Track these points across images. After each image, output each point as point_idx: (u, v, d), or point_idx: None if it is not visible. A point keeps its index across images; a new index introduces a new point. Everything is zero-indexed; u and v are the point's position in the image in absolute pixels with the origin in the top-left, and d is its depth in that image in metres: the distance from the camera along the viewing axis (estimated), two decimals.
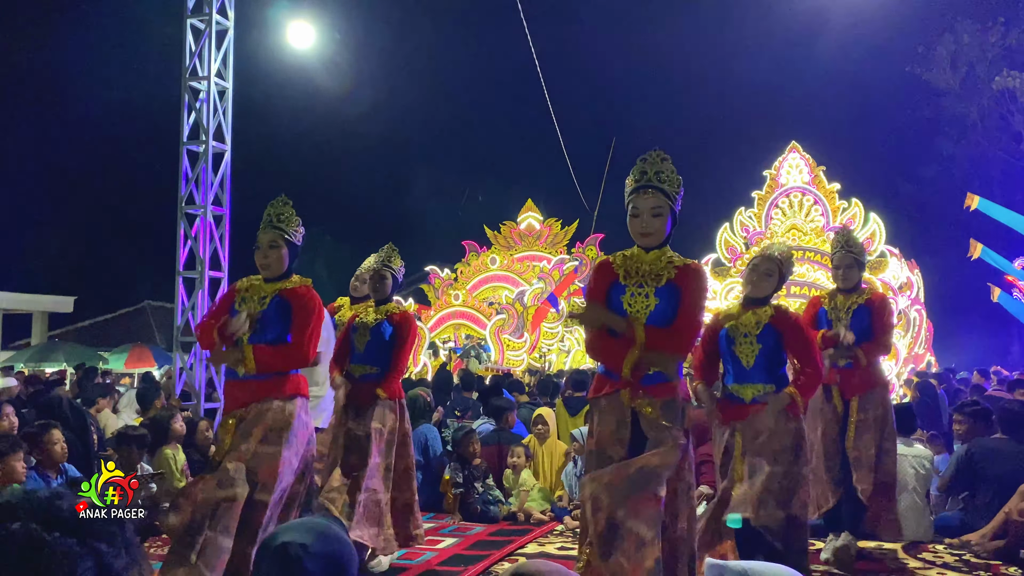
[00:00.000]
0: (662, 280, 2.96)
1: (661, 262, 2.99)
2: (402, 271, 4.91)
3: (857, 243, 4.76)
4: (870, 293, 4.68)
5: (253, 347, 3.46)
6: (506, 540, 5.34)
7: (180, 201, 8.21)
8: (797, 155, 17.79)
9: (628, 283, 2.99)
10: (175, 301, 8.26)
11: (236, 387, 3.53)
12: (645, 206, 2.96)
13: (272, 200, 3.67)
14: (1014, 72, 22.63)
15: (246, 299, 3.59)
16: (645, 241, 3.02)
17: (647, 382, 2.94)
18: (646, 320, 2.93)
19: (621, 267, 3.03)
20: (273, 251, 3.58)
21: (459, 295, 16.81)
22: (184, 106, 8.28)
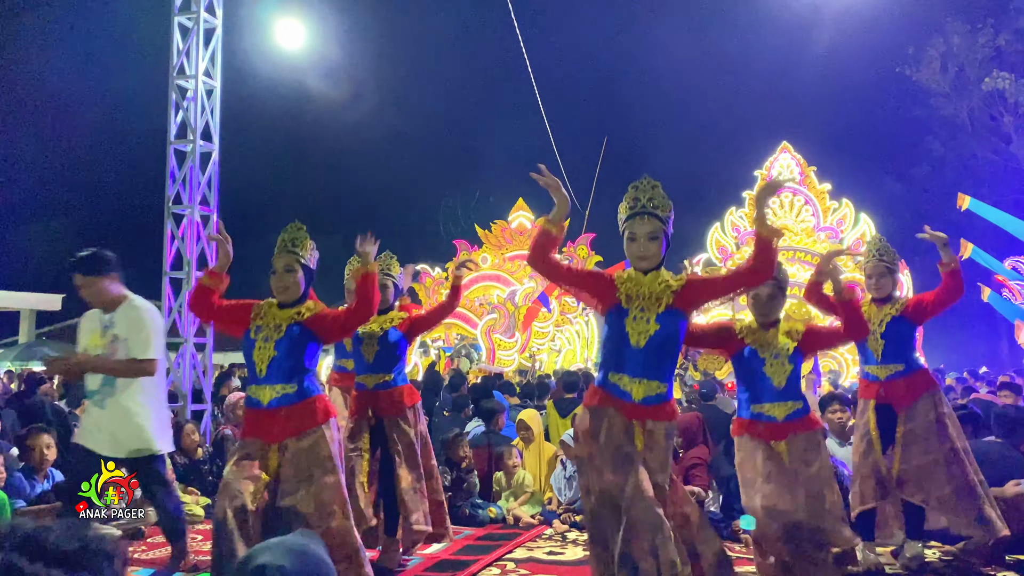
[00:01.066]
0: (662, 305, 3.12)
1: (659, 285, 3.14)
2: (402, 278, 4.94)
3: (890, 251, 4.61)
4: (904, 303, 4.54)
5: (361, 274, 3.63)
6: (494, 545, 5.30)
7: (167, 201, 8.13)
8: (788, 155, 17.83)
9: (631, 307, 3.13)
10: (161, 301, 8.17)
11: (264, 416, 3.55)
12: (642, 232, 3.15)
13: (286, 225, 3.72)
14: (1003, 73, 22.76)
15: (261, 328, 3.61)
16: (642, 265, 3.19)
17: (651, 402, 3.11)
18: (645, 343, 3.08)
19: (623, 290, 3.17)
20: (289, 275, 3.63)
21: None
22: (171, 105, 8.20)
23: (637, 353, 3.10)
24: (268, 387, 3.53)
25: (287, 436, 3.49)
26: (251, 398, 3.61)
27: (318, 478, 3.44)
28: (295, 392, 3.54)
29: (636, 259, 3.19)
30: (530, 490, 6.27)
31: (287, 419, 3.51)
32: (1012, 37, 23.43)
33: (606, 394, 3.14)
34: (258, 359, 3.56)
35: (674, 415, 3.18)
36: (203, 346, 8.38)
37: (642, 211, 3.14)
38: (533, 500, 6.22)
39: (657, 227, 3.15)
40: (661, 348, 3.11)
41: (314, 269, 3.75)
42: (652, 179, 3.19)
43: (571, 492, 6.05)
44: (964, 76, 24.11)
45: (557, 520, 5.85)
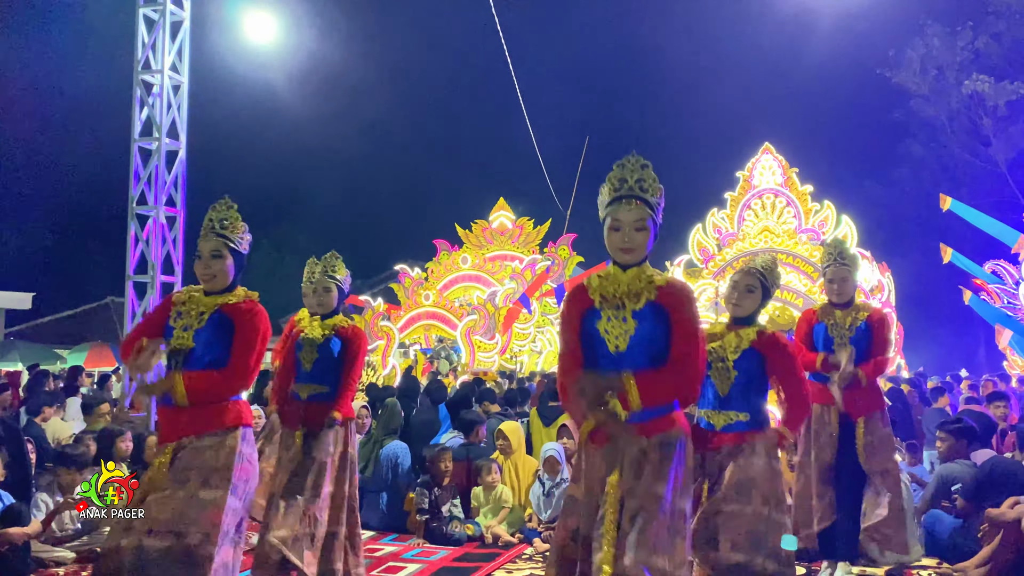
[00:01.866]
0: (640, 301, 2.61)
1: (640, 281, 2.63)
2: (348, 281, 4.51)
3: (850, 254, 4.48)
4: (869, 309, 4.43)
5: (184, 376, 3.08)
6: (472, 567, 5.06)
7: (131, 201, 7.80)
8: (770, 156, 17.72)
9: (604, 307, 2.64)
10: (125, 305, 7.85)
11: (170, 414, 3.12)
12: (628, 219, 2.61)
13: (214, 203, 3.28)
14: (982, 76, 22.84)
15: (182, 313, 3.21)
16: (626, 258, 2.65)
17: (643, 418, 2.53)
18: (627, 346, 2.58)
19: (597, 291, 2.67)
20: (216, 261, 3.20)
21: (429, 295, 16.50)
22: (136, 101, 7.86)
23: (616, 360, 2.58)
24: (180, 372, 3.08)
25: (187, 434, 3.05)
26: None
27: (192, 488, 2.96)
28: None
29: (618, 251, 2.64)
30: (508, 506, 6.02)
31: (192, 417, 3.06)
32: (990, 40, 23.53)
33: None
34: (174, 350, 3.15)
35: (672, 424, 2.59)
36: None
37: (628, 194, 2.60)
38: (512, 517, 5.98)
39: (645, 214, 2.61)
40: (646, 352, 2.57)
41: (245, 254, 3.31)
42: (640, 157, 2.66)
43: (551, 509, 5.81)
44: (943, 79, 24.19)
45: (538, 539, 5.61)
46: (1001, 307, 15.06)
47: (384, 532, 6.06)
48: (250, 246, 3.37)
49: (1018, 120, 23.31)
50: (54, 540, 5.16)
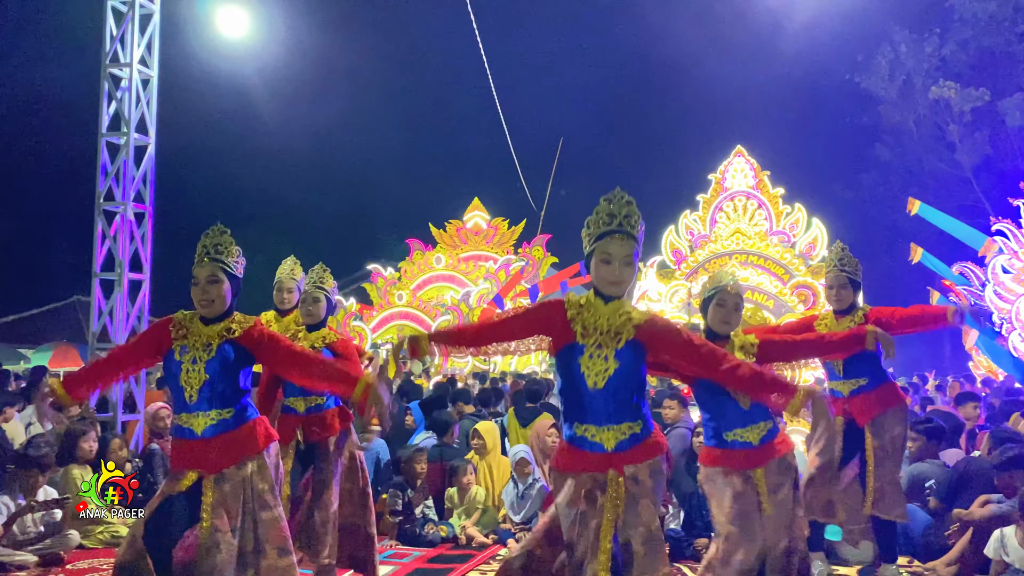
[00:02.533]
0: (621, 341, 2.76)
1: (619, 317, 2.79)
2: (335, 292, 4.52)
3: (852, 260, 4.40)
4: (863, 315, 4.30)
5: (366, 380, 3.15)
6: (445, 568, 5.01)
7: (98, 197, 7.62)
8: (742, 159, 17.87)
9: (587, 343, 2.78)
10: (91, 303, 7.67)
11: (201, 448, 3.14)
12: (619, 253, 2.76)
13: (207, 230, 3.28)
14: (949, 82, 23.23)
15: (187, 347, 3.18)
16: (613, 291, 2.81)
17: (627, 446, 2.75)
18: (604, 384, 2.73)
19: (578, 321, 2.80)
20: (213, 287, 3.18)
21: (403, 295, 16.40)
22: (103, 95, 7.68)
23: (597, 396, 2.75)
24: (201, 414, 3.13)
25: (225, 465, 3.12)
26: (181, 427, 3.18)
27: (257, 513, 3.11)
28: (232, 417, 3.16)
29: (608, 284, 2.80)
30: (482, 506, 5.98)
31: (225, 447, 3.13)
32: (956, 48, 23.95)
33: (574, 451, 2.80)
34: (187, 383, 3.14)
35: (658, 449, 2.81)
36: None
37: (619, 229, 2.75)
38: (486, 518, 5.93)
39: (632, 249, 2.78)
40: (625, 386, 2.77)
41: (240, 278, 3.31)
42: (625, 193, 2.82)
43: (525, 511, 5.77)
44: (911, 85, 24.57)
45: (512, 540, 5.56)
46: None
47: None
48: (244, 270, 3.35)
49: (983, 126, 23.75)
50: (15, 543, 5.02)
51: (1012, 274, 14.00)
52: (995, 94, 22.97)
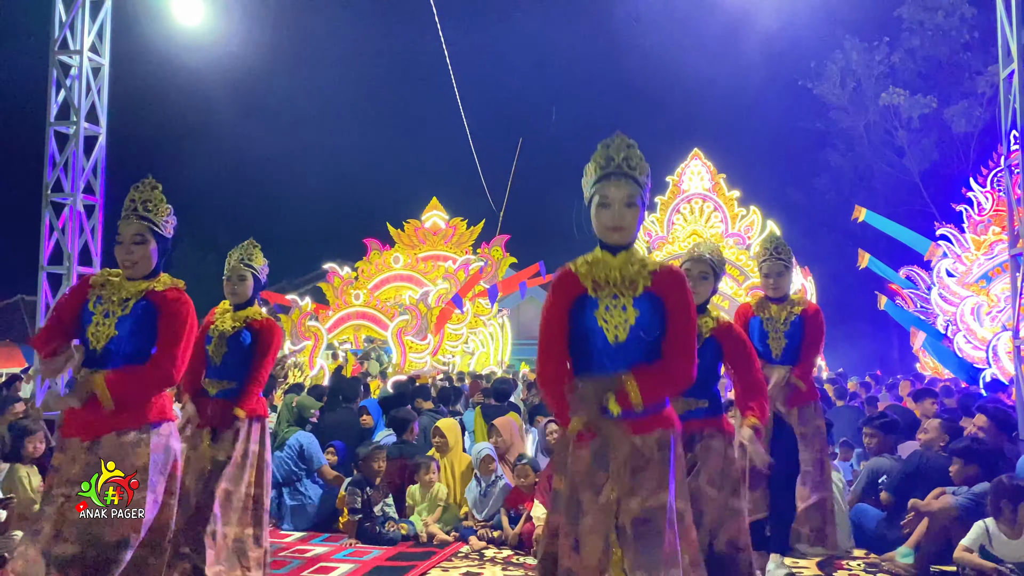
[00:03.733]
0: (638, 289, 2.48)
1: (633, 266, 2.51)
2: (265, 270, 4.22)
3: (786, 249, 4.46)
4: (804, 304, 4.43)
5: (105, 376, 2.87)
6: (407, 566, 4.94)
7: (45, 188, 7.36)
8: (699, 162, 18.11)
9: (600, 295, 2.49)
10: (38, 298, 7.42)
11: (85, 410, 2.89)
12: (617, 195, 2.48)
13: (136, 183, 3.07)
14: (898, 89, 23.84)
15: (102, 298, 3.00)
16: (615, 237, 2.52)
17: (634, 415, 2.40)
18: (626, 337, 2.44)
19: (588, 276, 2.52)
20: (139, 247, 3.00)
21: (360, 295, 16.21)
22: (52, 82, 7.42)
23: (614, 351, 2.45)
24: (101, 372, 2.90)
25: (106, 431, 2.86)
26: (78, 382, 2.94)
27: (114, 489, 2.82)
28: None
29: (608, 230, 2.51)
30: (443, 504, 5.92)
31: (112, 412, 2.86)
32: (905, 55, 24.59)
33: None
34: (94, 336, 2.93)
35: (669, 422, 2.49)
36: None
37: (617, 171, 2.49)
38: (448, 515, 5.87)
39: (635, 191, 2.50)
40: (644, 341, 2.46)
41: (170, 238, 3.11)
42: (626, 136, 2.57)
43: (488, 508, 5.73)
44: (861, 91, 25.16)
45: (474, 537, 5.52)
46: (915, 311, 15.71)
47: (314, 533, 5.88)
48: (175, 230, 3.16)
49: (930, 132, 24.44)
50: None
51: (956, 277, 14.42)
52: (942, 101, 23.66)
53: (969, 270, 14.25)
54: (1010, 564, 4.21)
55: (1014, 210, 6.84)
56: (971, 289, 13.98)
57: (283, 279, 23.95)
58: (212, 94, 25.28)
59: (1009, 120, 6.63)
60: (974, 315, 13.46)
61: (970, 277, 14.22)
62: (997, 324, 12.64)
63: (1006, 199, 7.16)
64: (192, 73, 20.77)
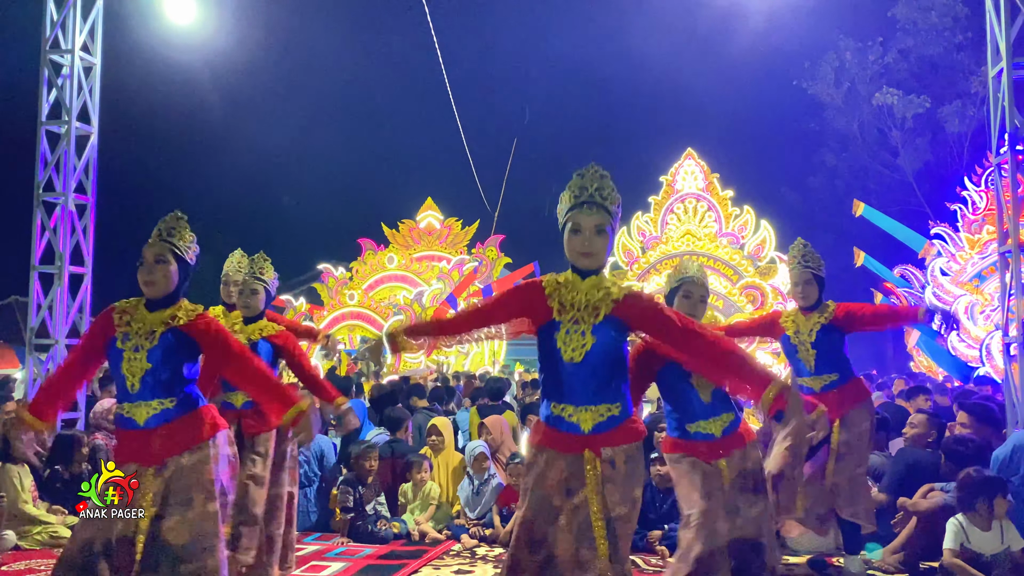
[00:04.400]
0: (599, 315, 2.69)
1: (598, 292, 2.72)
2: (275, 284, 4.38)
3: (815, 256, 4.39)
4: (832, 311, 4.31)
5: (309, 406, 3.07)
6: (398, 564, 4.94)
7: (37, 187, 7.35)
8: (693, 162, 18.10)
9: (563, 319, 2.70)
10: (30, 298, 7.39)
11: (143, 438, 3.01)
12: (588, 223, 2.70)
13: (164, 216, 3.21)
14: (891, 89, 23.88)
15: (129, 335, 3.06)
16: (585, 263, 2.74)
17: (604, 428, 2.66)
18: (582, 359, 2.66)
19: (555, 298, 2.73)
20: (160, 267, 3.09)
21: (354, 295, 16.21)
22: (43, 81, 7.40)
23: (575, 373, 2.68)
24: (143, 404, 3.02)
25: (168, 455, 3.00)
26: (123, 417, 3.07)
27: (198, 505, 2.95)
28: (176, 405, 3.04)
29: (578, 255, 2.73)
30: (435, 502, 5.92)
31: (168, 437, 3.01)
32: (898, 56, 24.64)
33: (550, 430, 2.73)
34: (129, 372, 3.03)
35: (636, 434, 2.74)
36: None
37: (590, 200, 2.70)
38: (440, 513, 5.87)
39: (605, 220, 2.71)
40: (603, 364, 2.69)
41: (192, 265, 3.22)
42: (599, 167, 2.77)
43: (480, 507, 5.74)
44: (855, 91, 25.19)
45: (466, 535, 5.52)
46: None
47: (306, 532, 5.87)
48: (197, 258, 3.26)
49: (924, 132, 24.47)
50: None
51: (950, 276, 14.46)
52: (935, 101, 23.71)
53: (963, 269, 14.29)
54: (988, 557, 4.22)
55: (1003, 208, 6.86)
56: (965, 288, 14.01)
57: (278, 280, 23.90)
58: (204, 93, 25.25)
59: (999, 118, 6.65)
60: (968, 314, 13.49)
61: (964, 276, 14.25)
62: (991, 323, 12.67)
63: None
64: (184, 72, 20.75)
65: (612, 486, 2.62)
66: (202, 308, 3.23)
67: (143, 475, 2.99)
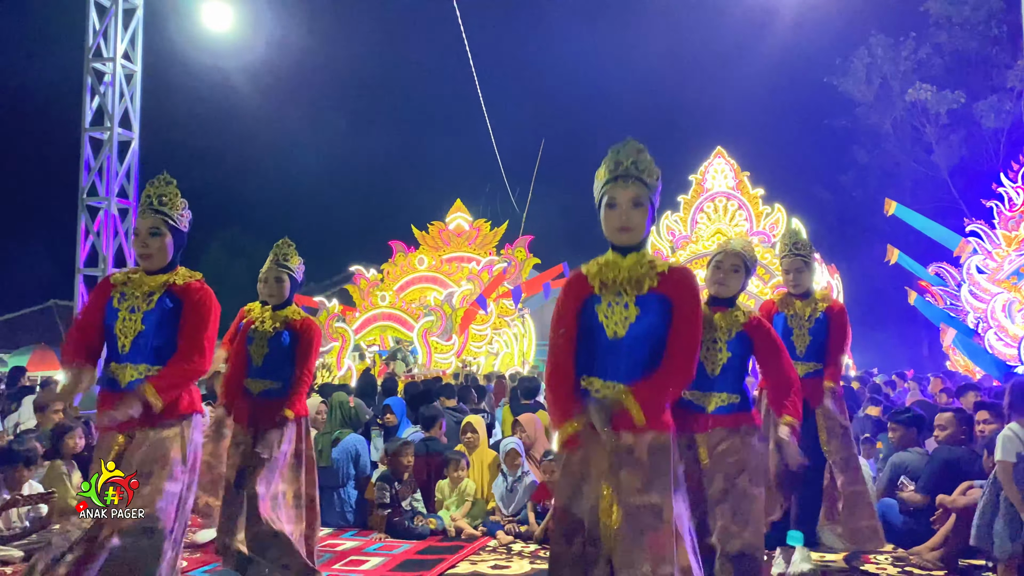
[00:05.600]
0: (643, 287, 2.55)
1: (641, 267, 2.58)
2: (301, 270, 4.29)
3: (806, 244, 4.46)
4: (828, 301, 4.41)
5: (153, 384, 2.96)
6: (436, 559, 5.01)
7: (81, 192, 7.57)
8: (722, 160, 18.02)
9: (604, 293, 2.58)
10: (75, 300, 7.61)
11: (116, 401, 2.95)
12: (623, 196, 2.55)
13: (152, 179, 3.17)
14: (925, 85, 23.57)
15: (126, 295, 3.09)
16: (623, 238, 2.59)
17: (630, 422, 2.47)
18: (626, 333, 2.52)
19: (596, 277, 2.61)
20: (154, 239, 3.08)
21: (386, 296, 16.36)
22: (86, 89, 7.63)
23: (614, 348, 2.52)
24: (130, 366, 3.00)
25: (140, 425, 2.94)
26: (108, 378, 3.06)
27: (156, 481, 2.89)
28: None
29: (616, 231, 2.58)
30: (471, 498, 5.99)
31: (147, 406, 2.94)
32: (932, 51, 24.31)
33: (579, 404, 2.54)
34: (121, 332, 3.02)
35: (664, 427, 2.51)
36: None
37: (625, 174, 2.56)
38: (475, 509, 5.94)
39: (642, 193, 2.56)
40: (645, 340, 2.52)
41: (185, 232, 3.19)
42: (636, 141, 2.64)
43: (514, 504, 5.80)
44: (888, 88, 24.91)
45: (501, 531, 5.58)
46: (944, 308, 15.52)
47: (343, 528, 5.97)
48: (190, 224, 3.25)
49: (959, 128, 24.12)
50: (1, 539, 4.97)
51: (986, 274, 14.23)
52: (970, 96, 23.35)
53: (1000, 266, 14.05)
54: None
55: None
56: (1002, 285, 13.78)
57: (310, 281, 24.19)
58: (240, 98, 25.64)
59: None
60: (1005, 312, 13.27)
61: (1001, 273, 14.01)
62: None
63: None
64: (220, 77, 21.10)
65: (623, 473, 2.45)
66: (200, 275, 3.21)
67: (115, 438, 2.97)
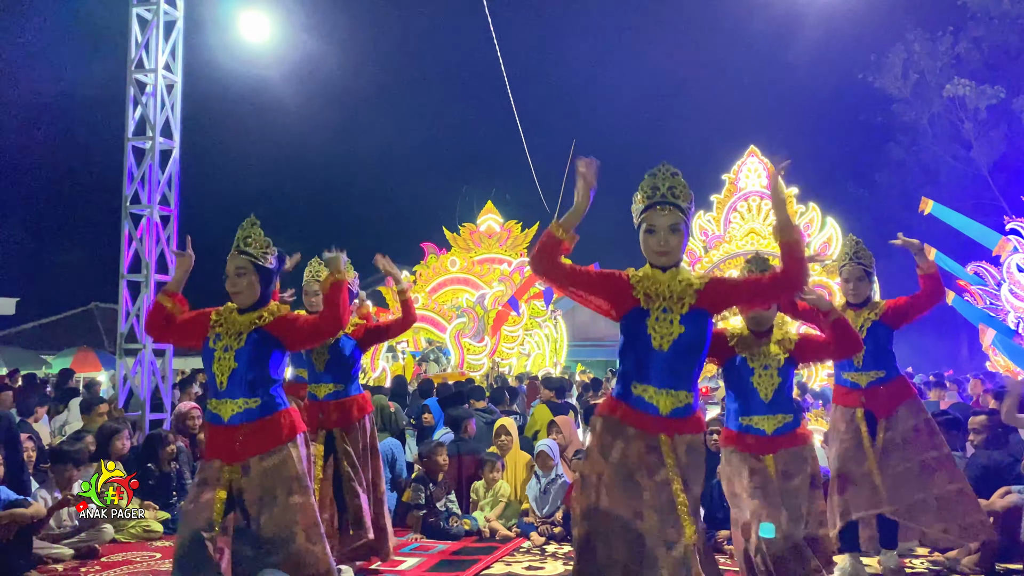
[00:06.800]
0: (685, 306, 2.80)
1: (680, 284, 2.84)
2: (356, 283, 4.65)
3: (867, 253, 4.44)
4: (883, 308, 4.36)
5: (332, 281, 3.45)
6: (471, 560, 5.10)
7: (124, 200, 7.79)
8: (756, 159, 17.84)
9: (651, 307, 2.81)
10: (119, 304, 7.83)
11: (227, 434, 3.26)
12: (662, 223, 2.82)
13: (241, 223, 3.43)
14: (963, 80, 23.14)
15: (221, 336, 3.32)
16: (662, 260, 2.85)
17: (678, 414, 2.77)
18: (669, 347, 2.77)
19: (640, 289, 2.84)
20: (241, 279, 3.33)
21: (418, 298, 16.50)
22: (129, 100, 7.85)
23: (661, 359, 2.77)
24: (229, 401, 3.26)
25: (249, 455, 3.22)
26: (211, 413, 3.33)
27: (282, 500, 3.20)
28: (259, 407, 3.26)
29: (655, 254, 2.84)
30: (505, 500, 6.07)
31: (250, 436, 3.23)
32: (971, 45, 23.86)
33: (628, 408, 2.78)
34: (218, 371, 3.27)
35: (701, 427, 2.86)
36: (163, 352, 8.04)
37: (662, 200, 2.81)
38: (509, 511, 6.02)
39: (678, 218, 2.82)
40: (688, 353, 2.78)
41: (272, 269, 3.43)
42: (670, 166, 2.90)
43: (548, 505, 5.86)
44: (925, 83, 24.49)
45: (535, 532, 5.65)
46: (984, 308, 15.25)
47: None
48: (277, 260, 3.48)
49: (998, 124, 23.64)
50: (52, 537, 5.15)
51: None
52: (1010, 91, 22.87)
53: None
54: None
55: None
56: None
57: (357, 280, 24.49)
58: (277, 107, 26.06)
59: None
60: None
61: None
62: None
63: None
64: (258, 86, 21.47)
65: (682, 469, 2.73)
66: (288, 308, 3.49)
67: (225, 470, 3.23)
